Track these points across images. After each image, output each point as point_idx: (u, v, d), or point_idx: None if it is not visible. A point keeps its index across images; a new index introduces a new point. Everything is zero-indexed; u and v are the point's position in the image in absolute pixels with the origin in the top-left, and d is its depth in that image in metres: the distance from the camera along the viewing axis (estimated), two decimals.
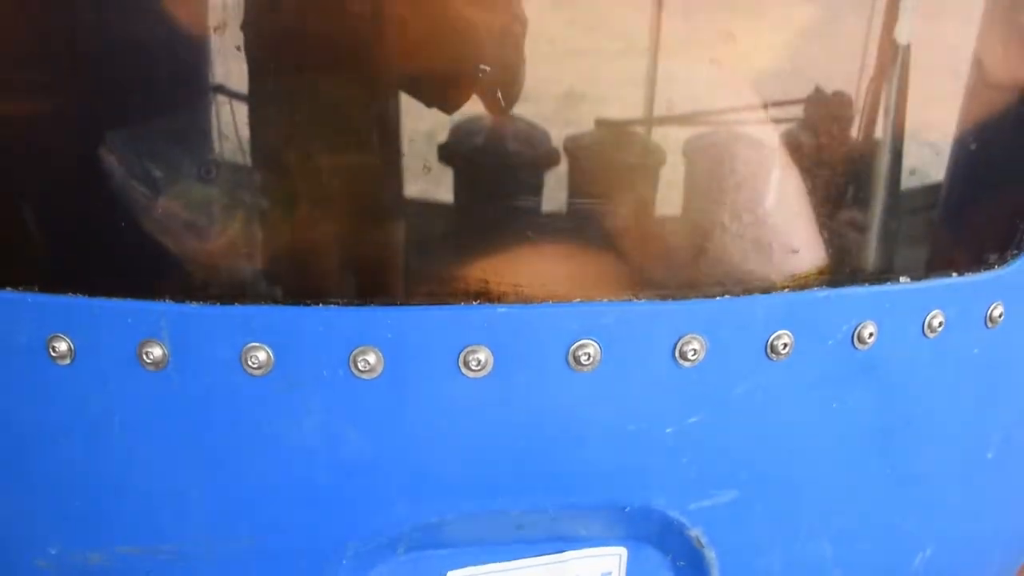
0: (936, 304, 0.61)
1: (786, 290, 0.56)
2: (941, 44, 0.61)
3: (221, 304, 0.52)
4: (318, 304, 0.52)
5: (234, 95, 0.57)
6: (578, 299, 0.52)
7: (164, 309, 0.53)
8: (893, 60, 0.58)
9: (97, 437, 0.56)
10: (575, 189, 0.52)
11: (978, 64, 0.63)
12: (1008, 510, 0.76)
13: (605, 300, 0.53)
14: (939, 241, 0.63)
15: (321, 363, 0.52)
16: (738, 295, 0.55)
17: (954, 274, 0.62)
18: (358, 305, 0.51)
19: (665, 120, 0.53)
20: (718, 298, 0.54)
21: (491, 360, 0.52)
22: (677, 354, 0.54)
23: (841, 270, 0.58)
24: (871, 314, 0.58)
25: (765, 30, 0.58)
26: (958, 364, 0.63)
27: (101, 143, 0.56)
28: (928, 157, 0.61)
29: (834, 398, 0.59)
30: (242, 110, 0.54)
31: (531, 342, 0.52)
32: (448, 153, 0.51)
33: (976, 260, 0.63)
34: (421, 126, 0.52)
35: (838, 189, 0.58)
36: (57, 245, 0.57)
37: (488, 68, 0.52)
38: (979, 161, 0.63)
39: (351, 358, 0.52)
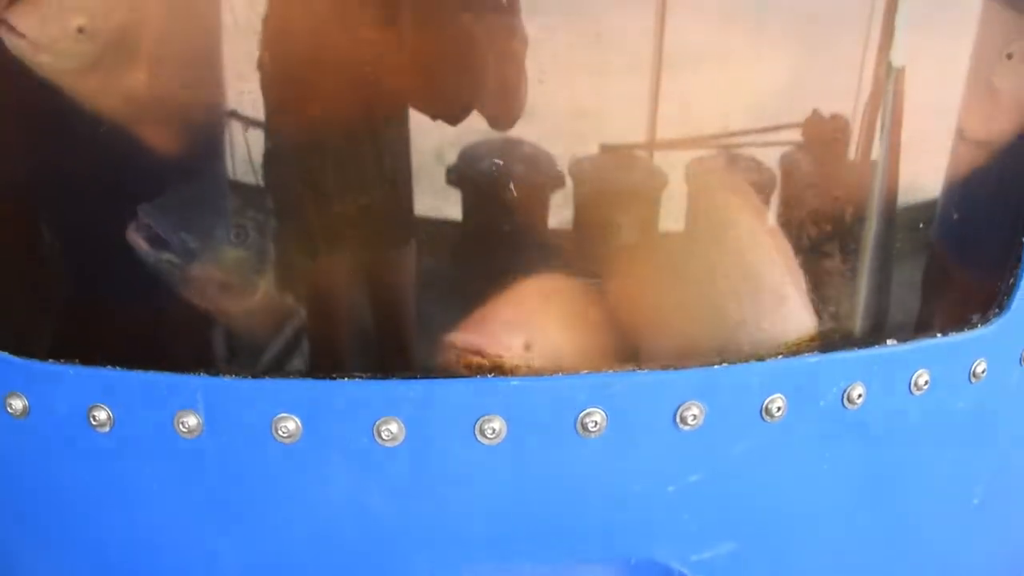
0: (922, 364, 0.66)
1: (779, 356, 0.61)
2: (928, 122, 0.65)
3: (253, 377, 0.57)
4: (343, 377, 0.56)
5: (263, 175, 0.62)
6: (585, 370, 0.57)
7: (199, 382, 0.57)
8: (883, 141, 0.63)
9: (134, 501, 0.60)
10: (583, 269, 0.57)
11: (959, 136, 0.68)
12: (994, 549, 0.80)
13: (610, 371, 0.57)
14: (924, 304, 0.68)
15: (347, 432, 0.56)
16: (734, 363, 0.60)
17: (939, 335, 0.66)
18: (381, 378, 0.56)
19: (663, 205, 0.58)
20: (716, 366, 0.59)
21: (505, 429, 0.57)
22: (678, 419, 0.59)
23: (831, 335, 0.63)
24: (860, 376, 0.63)
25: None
26: (944, 419, 0.68)
27: (132, 224, 0.61)
28: (914, 226, 0.66)
29: (826, 455, 0.63)
30: (273, 194, 0.59)
31: (542, 412, 0.56)
32: (466, 244, 0.56)
33: (959, 320, 0.68)
34: (439, 213, 0.57)
35: (828, 259, 0.63)
36: (98, 321, 0.61)
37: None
38: (962, 228, 0.68)
39: (375, 428, 0.56)
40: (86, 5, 0.58)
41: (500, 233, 0.58)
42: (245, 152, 0.64)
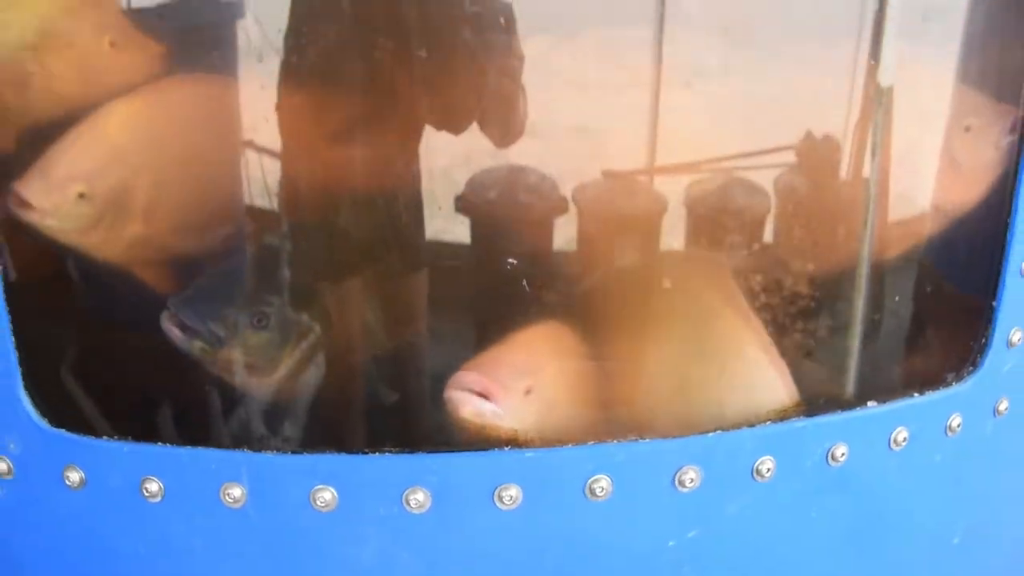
0: (900, 422, 0.73)
1: (768, 422, 0.68)
2: (902, 200, 0.73)
3: (293, 452, 0.64)
4: (375, 452, 0.64)
5: (280, 264, 0.69)
6: (592, 441, 0.64)
7: (243, 457, 0.64)
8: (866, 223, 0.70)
9: (183, 566, 0.67)
10: (593, 351, 0.64)
11: (933, 209, 0.75)
12: None
13: (615, 441, 0.64)
14: (902, 366, 0.75)
15: (378, 501, 0.63)
16: (727, 429, 0.67)
17: (915, 394, 0.74)
18: (409, 452, 0.63)
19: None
20: (710, 433, 0.66)
21: (521, 495, 0.64)
22: (676, 482, 0.66)
23: (815, 400, 0.70)
24: (842, 436, 0.70)
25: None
26: (922, 471, 0.75)
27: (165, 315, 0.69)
28: (891, 297, 0.73)
29: (813, 510, 0.70)
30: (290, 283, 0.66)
31: (554, 479, 0.64)
32: (480, 332, 0.63)
33: (935, 379, 0.75)
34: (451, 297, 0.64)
35: (812, 332, 0.70)
36: (148, 401, 0.68)
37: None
38: (936, 294, 0.75)
39: (403, 497, 0.63)
40: (84, 174, 0.65)
41: (512, 316, 0.65)
42: (260, 246, 0.72)
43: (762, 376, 0.67)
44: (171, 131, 0.74)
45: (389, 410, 0.66)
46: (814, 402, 0.70)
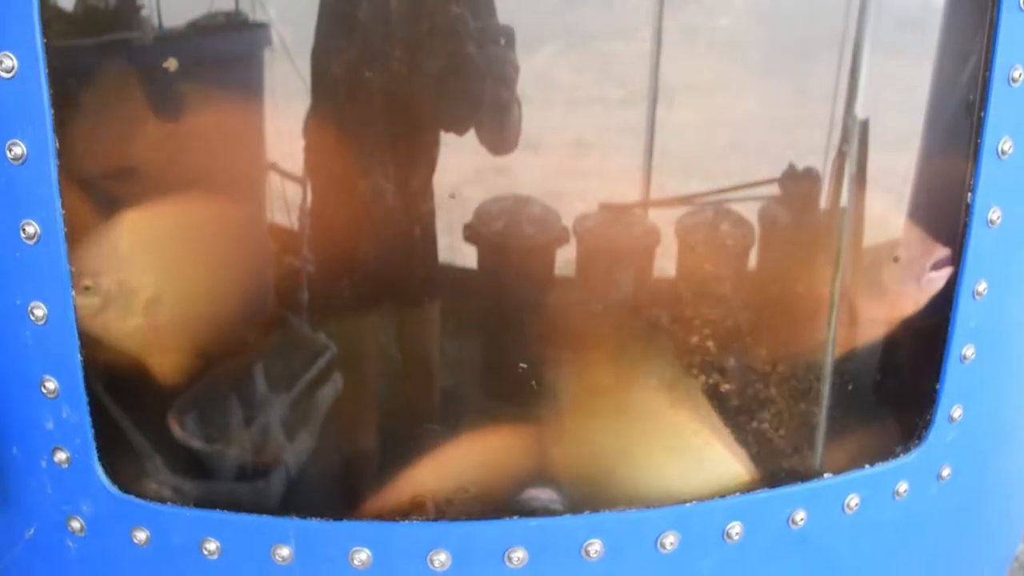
0: (853, 489, 0.87)
1: (736, 492, 0.82)
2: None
3: (333, 519, 0.78)
4: (405, 519, 0.77)
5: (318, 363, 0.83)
6: (588, 511, 0.78)
7: (291, 523, 0.78)
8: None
9: None
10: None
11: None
12: None
13: (608, 511, 0.78)
14: (854, 443, 0.90)
15: (408, 562, 0.77)
16: (702, 499, 0.81)
17: (866, 465, 0.88)
18: (434, 520, 0.77)
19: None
20: (687, 504, 0.80)
21: (527, 557, 0.78)
22: (659, 545, 0.80)
23: (777, 473, 0.85)
24: (801, 503, 0.84)
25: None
26: (873, 531, 0.90)
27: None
28: (845, 383, 0.88)
29: (776, 567, 0.85)
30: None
31: (556, 544, 0.78)
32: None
33: (885, 452, 0.89)
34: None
35: (779, 414, 0.85)
36: (208, 471, 0.82)
37: None
38: (883, 381, 0.89)
39: (428, 558, 0.77)
40: (89, 269, 0.78)
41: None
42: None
43: (735, 454, 0.82)
44: (175, 242, 0.87)
45: (419, 489, 0.80)
46: (777, 474, 0.84)
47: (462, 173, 0.88)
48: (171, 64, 0.82)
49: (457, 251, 0.87)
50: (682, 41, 0.84)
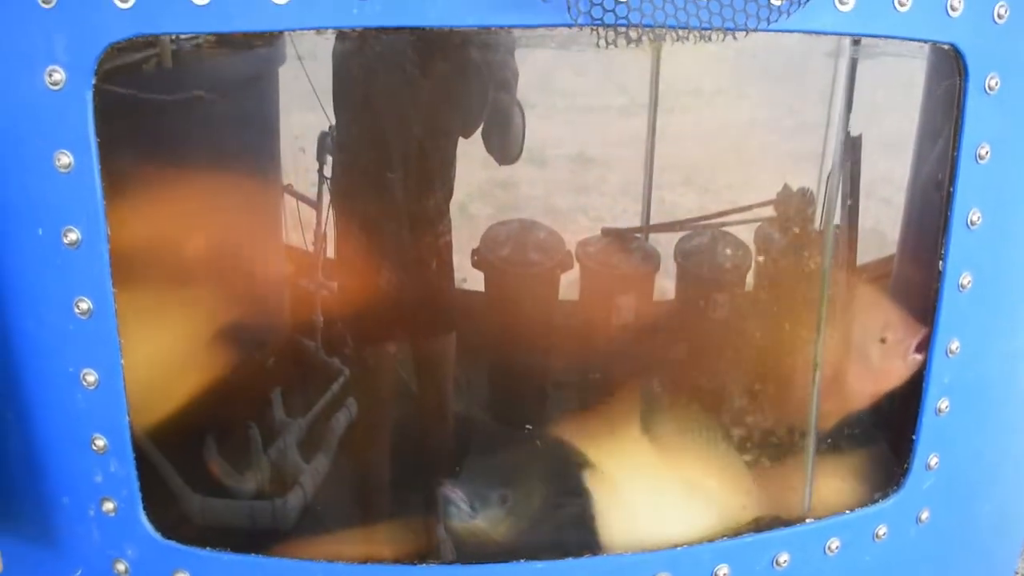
0: (833, 533, 0.97)
1: (724, 537, 0.93)
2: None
3: (352, 563, 0.89)
4: (417, 563, 0.89)
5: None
6: (588, 554, 0.89)
7: (317, 565, 0.89)
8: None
9: None
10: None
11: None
12: None
13: (608, 554, 0.89)
14: (835, 491, 1.00)
15: None
16: (692, 544, 0.91)
17: (847, 511, 0.98)
18: (440, 564, 0.88)
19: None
20: (678, 548, 0.91)
21: None
22: None
23: (762, 519, 0.95)
24: (785, 547, 0.95)
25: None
26: (854, 571, 1.00)
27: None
28: (824, 439, 0.98)
29: None
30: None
31: None
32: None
33: (864, 498, 1.00)
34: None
35: (762, 467, 0.95)
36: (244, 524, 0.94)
37: None
38: (861, 438, 1.00)
39: None
40: None
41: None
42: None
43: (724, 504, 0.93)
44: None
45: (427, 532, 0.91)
46: (762, 520, 0.95)
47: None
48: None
49: None
50: None
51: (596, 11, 0.76)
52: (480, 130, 1.23)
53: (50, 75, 0.79)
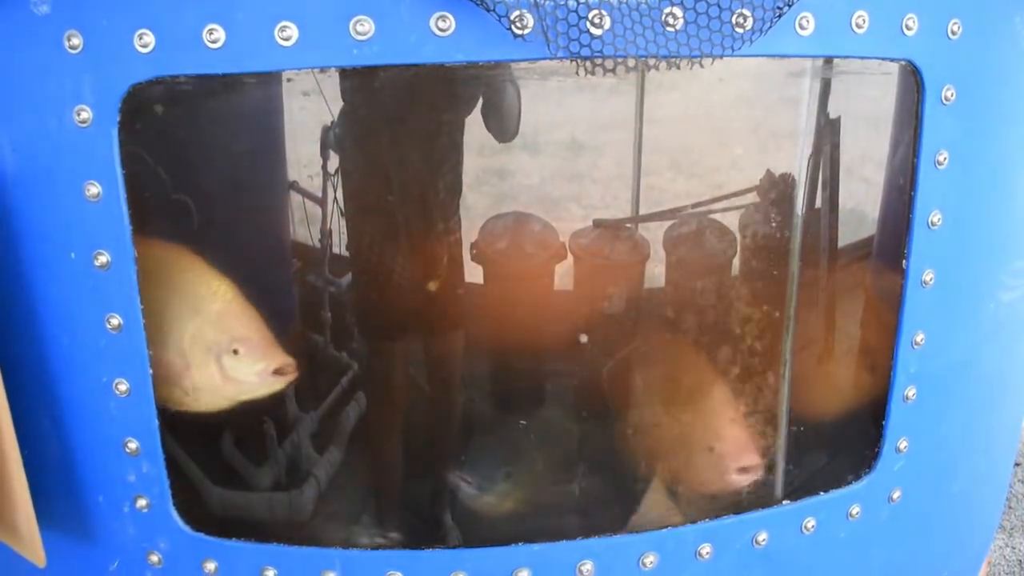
0: (809, 513, 1.10)
1: (706, 519, 1.05)
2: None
3: (370, 548, 1.02)
4: (428, 547, 1.01)
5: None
6: (580, 536, 1.02)
7: (336, 552, 1.02)
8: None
9: None
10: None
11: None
12: None
13: (596, 536, 1.02)
14: (810, 472, 1.12)
15: None
16: (676, 525, 1.04)
17: (821, 493, 1.10)
18: (452, 547, 1.01)
19: None
20: (664, 529, 1.03)
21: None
22: (641, 564, 1.04)
23: (741, 502, 1.07)
24: (763, 526, 1.07)
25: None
26: (829, 548, 1.12)
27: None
28: (800, 424, 1.11)
29: None
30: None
31: (555, 564, 1.01)
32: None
33: (838, 480, 1.12)
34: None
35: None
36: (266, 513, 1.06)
37: None
38: (836, 425, 1.12)
39: None
40: None
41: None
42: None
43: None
44: None
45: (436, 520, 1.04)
46: (740, 502, 1.07)
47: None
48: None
49: None
50: None
51: (574, 46, 0.87)
52: (479, 108, 1.36)
53: (78, 114, 0.90)
